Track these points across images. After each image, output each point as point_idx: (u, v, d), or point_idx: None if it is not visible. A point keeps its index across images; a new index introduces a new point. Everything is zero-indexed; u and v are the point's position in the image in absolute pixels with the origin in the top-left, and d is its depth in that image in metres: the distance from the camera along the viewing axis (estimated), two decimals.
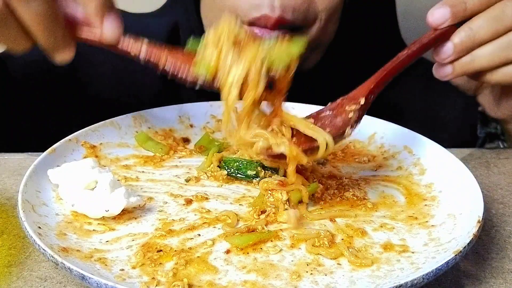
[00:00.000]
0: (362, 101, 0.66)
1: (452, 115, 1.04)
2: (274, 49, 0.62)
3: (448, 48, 0.67)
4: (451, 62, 0.68)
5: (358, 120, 0.65)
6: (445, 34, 0.67)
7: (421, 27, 0.77)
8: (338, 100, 0.68)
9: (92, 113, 0.82)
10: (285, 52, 0.62)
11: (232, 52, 0.61)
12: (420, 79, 1.06)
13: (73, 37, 0.63)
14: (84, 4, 0.61)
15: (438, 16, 0.67)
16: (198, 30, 0.97)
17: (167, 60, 0.64)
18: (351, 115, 0.65)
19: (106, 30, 0.62)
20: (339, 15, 0.93)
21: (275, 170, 0.70)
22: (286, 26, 0.85)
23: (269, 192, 0.66)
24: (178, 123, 0.85)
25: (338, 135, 0.65)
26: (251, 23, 0.85)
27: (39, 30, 0.60)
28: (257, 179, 0.71)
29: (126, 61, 0.99)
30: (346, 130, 0.65)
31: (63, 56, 0.63)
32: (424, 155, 0.75)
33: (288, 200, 0.65)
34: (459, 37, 0.67)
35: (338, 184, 0.71)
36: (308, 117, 0.68)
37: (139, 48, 0.64)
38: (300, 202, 0.66)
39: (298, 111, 0.86)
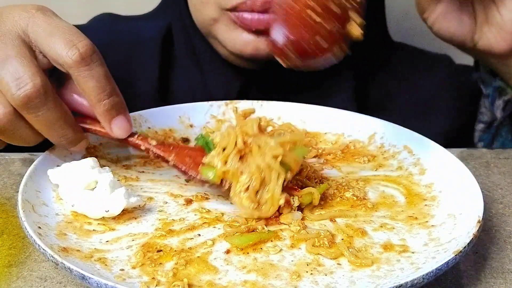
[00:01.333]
0: None
1: (442, 99, 1.03)
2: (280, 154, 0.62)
3: None
4: None
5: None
6: None
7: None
8: None
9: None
10: (292, 159, 0.63)
11: (236, 160, 0.63)
12: (404, 65, 1.06)
13: (84, 129, 0.66)
14: (93, 106, 0.63)
15: None
16: (192, 31, 0.97)
17: (176, 157, 0.67)
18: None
19: (114, 131, 0.65)
20: None
21: None
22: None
23: None
24: (178, 123, 0.85)
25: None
26: (235, 8, 0.84)
27: (50, 133, 0.62)
28: None
29: (127, 60, 1.00)
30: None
31: (78, 148, 0.66)
32: (424, 155, 0.75)
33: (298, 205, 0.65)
34: None
35: (338, 184, 0.71)
36: None
37: (149, 144, 0.68)
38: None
39: (298, 111, 0.87)
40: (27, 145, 0.66)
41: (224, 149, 0.64)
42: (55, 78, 0.65)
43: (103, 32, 0.68)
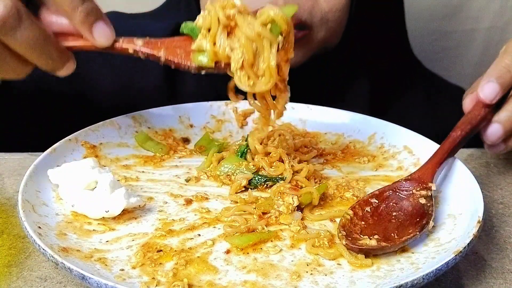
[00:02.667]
0: (434, 187, 0.65)
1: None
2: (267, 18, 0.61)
3: (496, 131, 0.69)
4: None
5: (433, 208, 0.62)
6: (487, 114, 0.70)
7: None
8: (400, 181, 0.67)
9: (92, 113, 0.82)
10: (280, 17, 0.60)
11: (225, 37, 0.61)
12: (421, 90, 1.06)
13: (69, 48, 0.63)
14: (69, 18, 0.61)
15: (489, 91, 0.68)
16: None
17: (166, 51, 0.64)
18: (423, 201, 0.63)
19: (97, 38, 0.62)
20: (345, 18, 0.92)
21: (276, 180, 0.70)
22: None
23: (279, 195, 0.66)
24: (178, 123, 0.85)
25: (419, 227, 0.60)
26: None
27: (34, 56, 0.60)
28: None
29: (126, 61, 1.00)
30: (430, 223, 0.60)
31: (66, 70, 0.64)
32: (424, 155, 0.75)
33: (298, 205, 0.65)
34: (504, 117, 0.68)
35: (338, 184, 0.71)
36: (371, 196, 0.65)
37: (136, 45, 0.65)
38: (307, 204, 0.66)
39: (298, 111, 0.87)
40: (18, 77, 0.63)
41: (209, 30, 0.61)
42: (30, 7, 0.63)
43: None
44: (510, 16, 1.49)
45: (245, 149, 0.74)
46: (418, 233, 0.59)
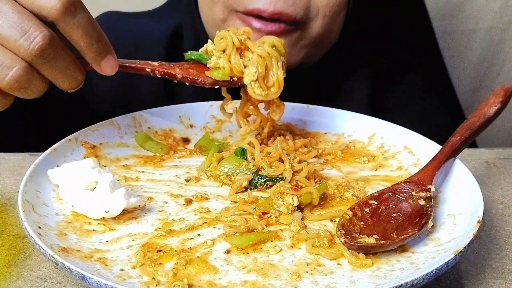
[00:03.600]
0: (433, 188, 0.65)
1: (447, 121, 1.04)
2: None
3: None
4: None
5: (432, 208, 0.63)
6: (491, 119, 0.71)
7: None
8: (399, 183, 0.67)
9: (92, 114, 0.82)
10: (280, 42, 0.74)
11: (238, 57, 0.73)
12: (417, 84, 1.06)
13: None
14: (83, 53, 0.64)
15: None
16: (202, 30, 0.97)
17: (181, 73, 0.73)
18: (422, 202, 0.63)
19: (103, 69, 0.66)
20: (343, 14, 0.92)
21: (276, 180, 0.70)
22: (287, 21, 0.85)
23: (279, 195, 0.66)
24: (178, 123, 0.85)
25: (418, 227, 0.60)
26: (247, 13, 0.85)
27: (63, 80, 0.63)
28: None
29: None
30: (429, 223, 0.61)
31: (78, 87, 0.66)
32: (424, 155, 0.75)
33: (298, 205, 0.65)
34: None
35: (338, 184, 0.71)
36: (370, 197, 0.65)
37: (152, 67, 0.72)
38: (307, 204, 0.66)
39: (298, 111, 0.87)
40: (35, 97, 0.64)
41: (224, 51, 0.73)
42: None
43: (107, 32, 0.68)
44: (511, 17, 1.49)
45: (243, 149, 0.74)
46: (417, 232, 0.59)
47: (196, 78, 0.73)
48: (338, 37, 0.95)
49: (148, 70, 0.72)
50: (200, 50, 0.75)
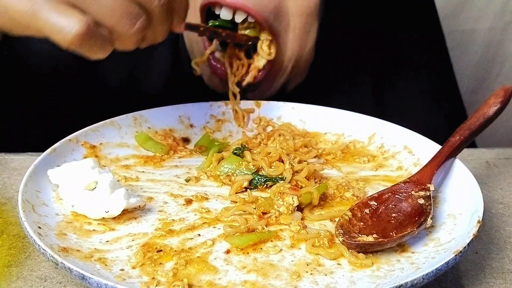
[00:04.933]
0: (432, 187, 0.65)
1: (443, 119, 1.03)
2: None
3: None
4: None
5: (431, 207, 0.63)
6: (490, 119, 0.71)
7: None
8: (399, 184, 0.67)
9: (93, 113, 0.82)
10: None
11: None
12: (418, 84, 1.06)
13: None
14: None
15: None
16: None
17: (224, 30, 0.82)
18: (421, 201, 0.63)
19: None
20: (316, 29, 0.86)
21: (276, 180, 0.70)
22: (258, 20, 0.81)
23: (279, 195, 0.66)
24: (178, 123, 0.85)
25: (417, 225, 0.60)
26: (208, 3, 0.82)
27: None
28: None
29: (127, 61, 1.00)
30: (427, 220, 0.61)
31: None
32: (424, 155, 0.75)
33: (298, 205, 0.65)
34: None
35: (338, 184, 0.71)
36: (370, 198, 0.65)
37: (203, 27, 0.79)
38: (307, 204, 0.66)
39: (298, 111, 0.87)
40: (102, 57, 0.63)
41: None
42: None
43: None
44: (511, 17, 1.49)
45: (242, 148, 0.74)
46: (415, 229, 0.59)
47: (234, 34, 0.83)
48: (314, 55, 0.91)
49: (201, 29, 0.79)
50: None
